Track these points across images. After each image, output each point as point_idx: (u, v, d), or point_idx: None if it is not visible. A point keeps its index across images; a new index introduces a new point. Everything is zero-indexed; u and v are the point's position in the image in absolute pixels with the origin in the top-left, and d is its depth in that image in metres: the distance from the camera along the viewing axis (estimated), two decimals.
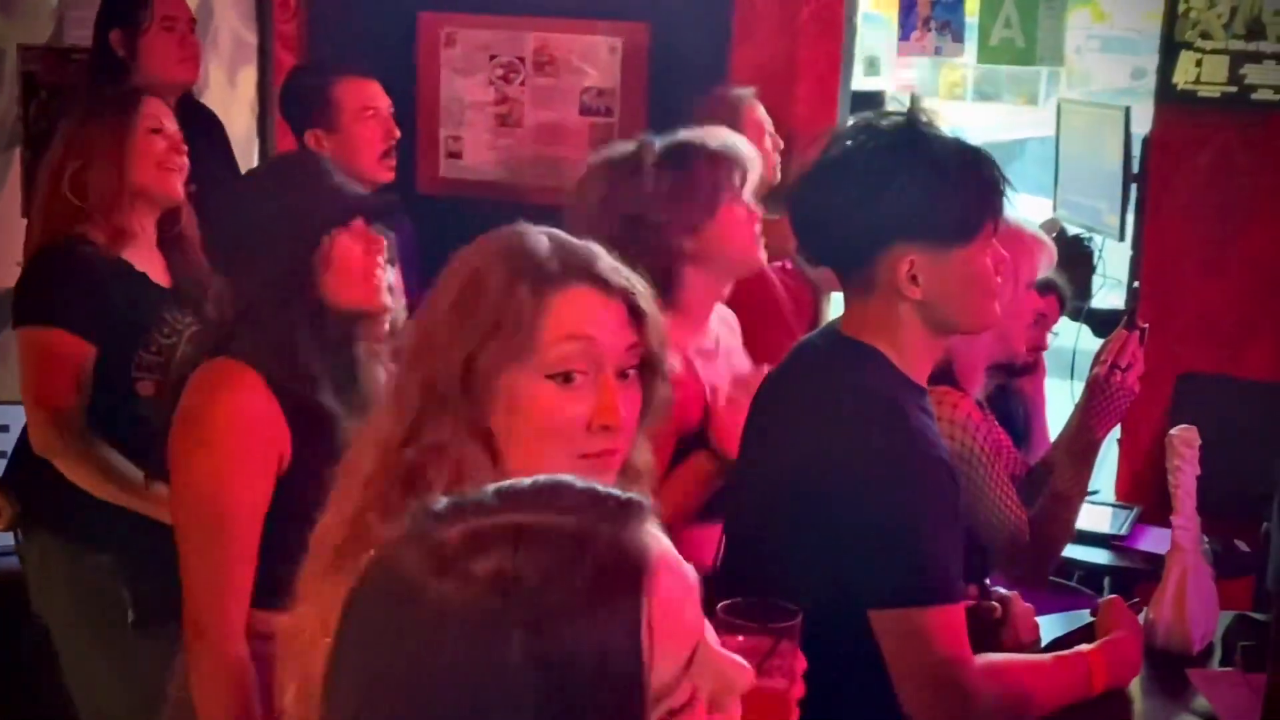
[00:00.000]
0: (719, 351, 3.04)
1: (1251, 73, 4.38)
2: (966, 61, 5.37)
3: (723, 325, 3.11)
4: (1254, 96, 4.39)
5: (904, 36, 4.79)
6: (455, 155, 4.93)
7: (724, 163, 2.93)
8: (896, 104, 5.45)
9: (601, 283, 1.69)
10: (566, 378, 1.66)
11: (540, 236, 1.73)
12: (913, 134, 2.26)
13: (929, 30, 4.72)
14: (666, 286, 2.85)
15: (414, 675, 1.03)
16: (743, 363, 3.06)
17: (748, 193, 2.96)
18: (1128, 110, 4.79)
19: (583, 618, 1.02)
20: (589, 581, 1.04)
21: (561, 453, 1.65)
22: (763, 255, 3.01)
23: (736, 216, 2.94)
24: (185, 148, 3.22)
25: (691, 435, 2.86)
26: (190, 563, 2.30)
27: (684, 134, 3.00)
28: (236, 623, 2.28)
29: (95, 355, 3.06)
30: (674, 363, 2.80)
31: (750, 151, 3.01)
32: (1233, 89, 4.41)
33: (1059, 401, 3.79)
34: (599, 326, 1.68)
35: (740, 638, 1.55)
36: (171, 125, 3.21)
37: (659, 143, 2.98)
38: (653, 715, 1.06)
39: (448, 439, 1.65)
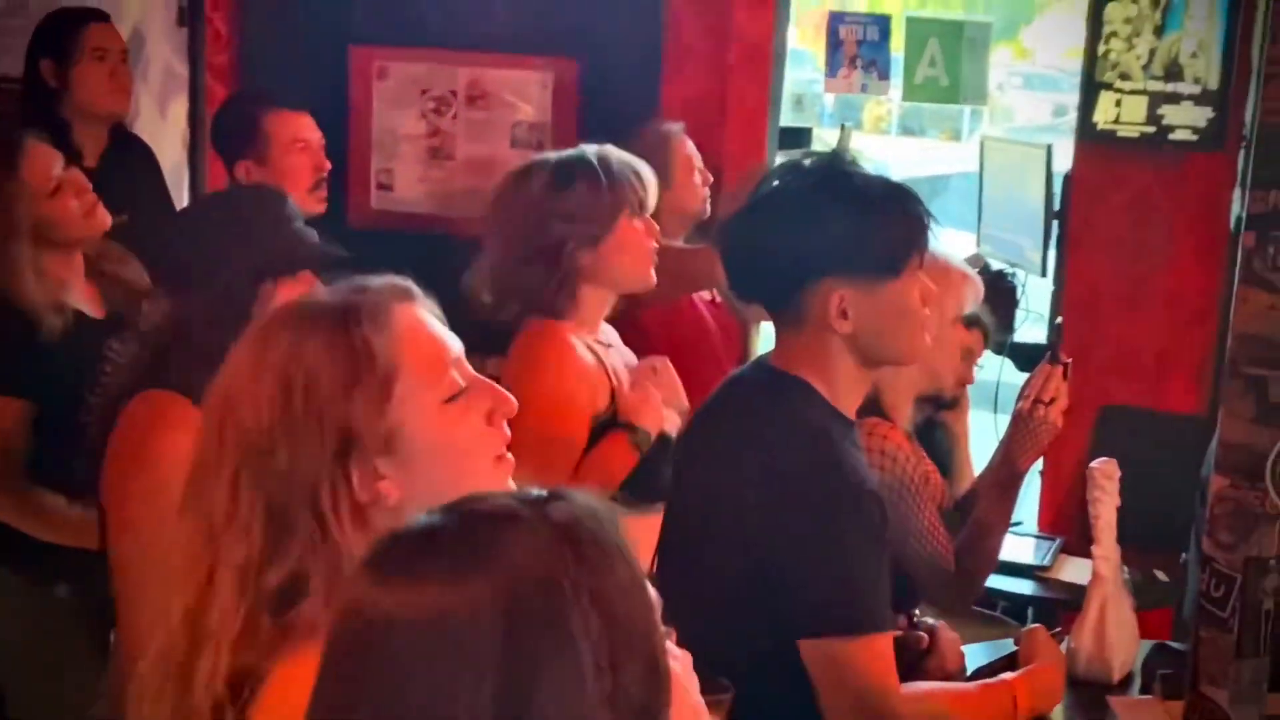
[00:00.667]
0: (612, 345, 3.13)
1: (1169, 113, 4.46)
2: (892, 96, 5.43)
3: (606, 327, 3.19)
4: (1171, 137, 4.48)
5: (831, 74, 4.86)
6: (386, 188, 4.92)
7: (622, 180, 3.01)
8: (823, 143, 5.52)
9: (416, 296, 1.69)
10: (459, 395, 1.65)
11: (316, 293, 1.69)
12: (838, 172, 2.32)
13: (855, 68, 4.79)
14: (564, 297, 2.97)
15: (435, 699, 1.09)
16: (630, 356, 3.16)
17: (645, 210, 3.05)
18: (1049, 148, 4.86)
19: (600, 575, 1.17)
20: (587, 551, 1.17)
21: (482, 461, 1.65)
22: (654, 273, 3.08)
23: (634, 232, 3.02)
24: (88, 184, 3.10)
25: (603, 419, 2.95)
26: (130, 607, 2.24)
27: (586, 150, 3.07)
28: None
29: (34, 411, 2.98)
30: (584, 354, 2.91)
31: (648, 171, 3.09)
32: (1151, 129, 4.49)
33: (982, 434, 3.84)
34: (447, 339, 1.67)
35: None
36: (59, 166, 3.05)
37: (560, 159, 3.06)
38: None
39: (317, 534, 1.55)
